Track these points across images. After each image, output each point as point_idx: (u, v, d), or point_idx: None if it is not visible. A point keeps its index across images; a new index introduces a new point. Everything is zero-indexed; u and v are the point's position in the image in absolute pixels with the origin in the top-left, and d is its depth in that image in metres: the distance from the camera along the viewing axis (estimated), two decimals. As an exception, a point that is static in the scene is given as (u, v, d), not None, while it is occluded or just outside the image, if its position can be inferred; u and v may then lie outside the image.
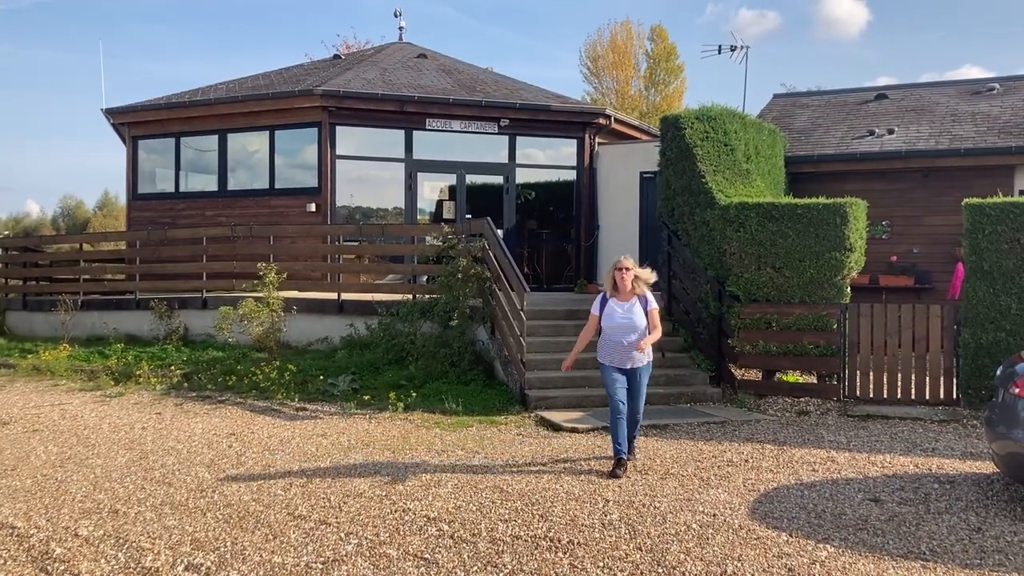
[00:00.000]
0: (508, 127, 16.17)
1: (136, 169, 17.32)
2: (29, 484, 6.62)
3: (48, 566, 4.84)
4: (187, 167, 17.23)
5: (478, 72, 19.22)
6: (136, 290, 14.64)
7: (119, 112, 17.13)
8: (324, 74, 17.21)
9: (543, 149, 17.29)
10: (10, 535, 5.39)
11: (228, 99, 16.20)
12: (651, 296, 7.15)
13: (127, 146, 17.45)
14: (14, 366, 12.46)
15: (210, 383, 10.96)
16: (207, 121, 16.48)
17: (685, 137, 11.46)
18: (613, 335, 6.94)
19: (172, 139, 17.00)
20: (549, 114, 16.36)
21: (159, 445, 7.92)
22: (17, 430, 8.69)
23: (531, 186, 17.29)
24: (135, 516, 5.75)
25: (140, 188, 17.36)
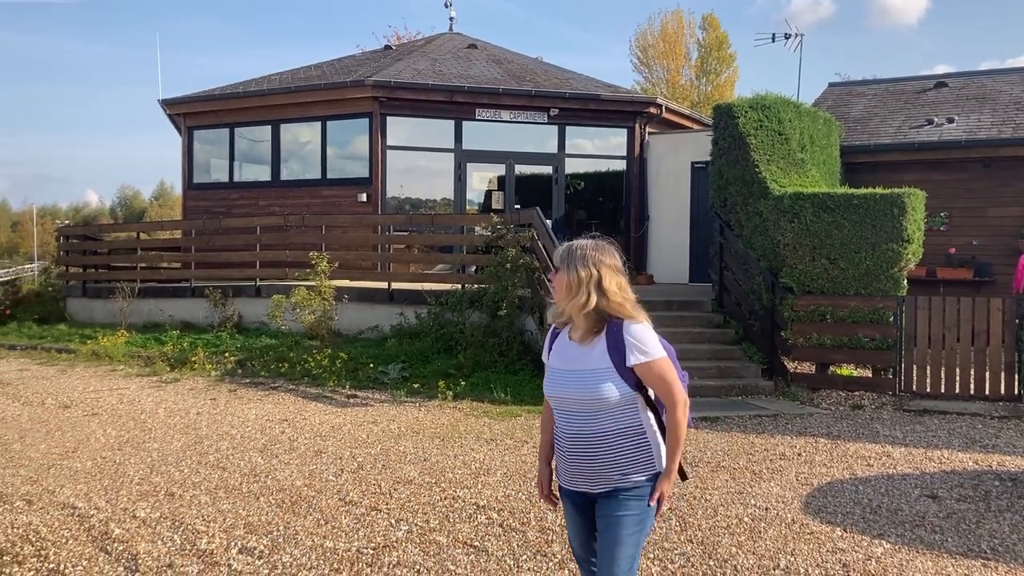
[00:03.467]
0: (557, 117, 16.11)
1: (191, 159, 17.63)
2: (89, 466, 6.79)
3: (108, 546, 4.96)
4: (241, 157, 17.50)
5: (528, 62, 19.17)
6: (191, 278, 14.92)
7: (175, 103, 17.44)
8: (375, 65, 17.31)
9: (592, 139, 17.20)
10: (72, 515, 5.54)
11: (281, 90, 16.40)
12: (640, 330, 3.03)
13: (183, 137, 17.76)
14: (75, 351, 12.78)
15: (263, 370, 11.13)
16: (260, 112, 16.70)
17: (738, 126, 11.29)
18: (556, 413, 3.16)
19: (226, 130, 17.27)
20: (599, 103, 16.25)
21: (214, 430, 8.07)
22: (78, 413, 8.92)
23: (580, 176, 17.23)
24: (190, 499, 5.87)
25: (195, 178, 17.66)
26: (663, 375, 2.98)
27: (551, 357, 3.15)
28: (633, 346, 2.95)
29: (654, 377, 2.98)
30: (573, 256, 3.01)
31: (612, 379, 2.95)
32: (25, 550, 4.89)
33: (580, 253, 3.01)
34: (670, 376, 3.00)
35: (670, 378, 2.99)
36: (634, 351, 2.95)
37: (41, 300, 16.38)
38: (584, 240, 3.09)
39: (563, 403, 3.06)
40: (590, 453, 3.01)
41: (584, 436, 3.02)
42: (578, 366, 3.02)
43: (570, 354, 3.06)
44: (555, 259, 3.08)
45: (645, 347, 2.96)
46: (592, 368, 2.98)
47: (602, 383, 2.96)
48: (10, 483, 6.29)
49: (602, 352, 2.98)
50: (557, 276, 3.03)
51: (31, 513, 5.57)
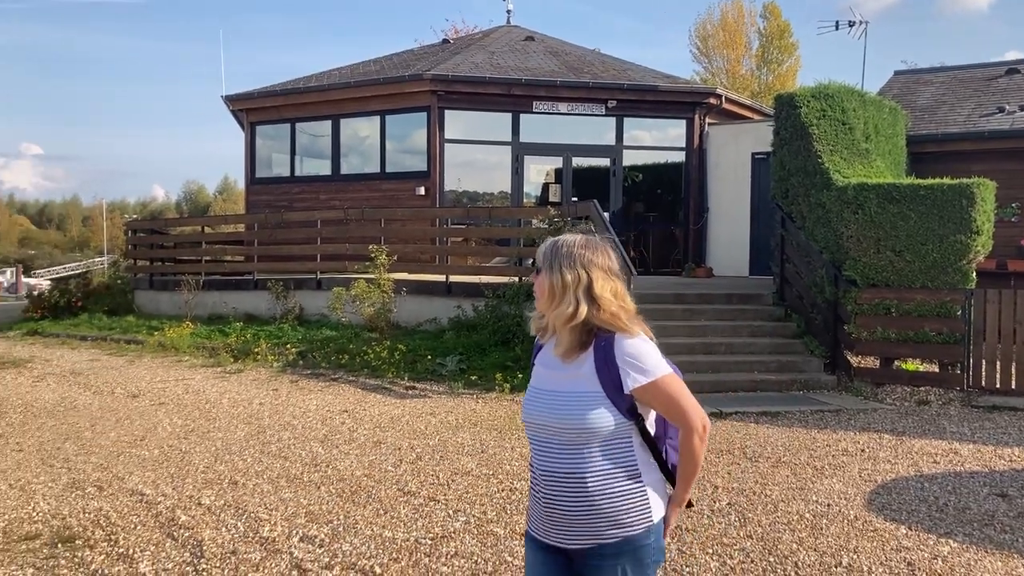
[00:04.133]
0: (615, 108, 16.01)
1: (254, 154, 17.95)
2: (156, 454, 6.98)
3: (174, 532, 5.09)
4: (302, 152, 17.77)
5: (585, 53, 19.08)
6: (254, 271, 15.22)
7: (238, 99, 17.77)
8: (433, 59, 17.41)
9: (650, 130, 17.06)
10: (140, 501, 5.70)
11: (340, 85, 16.60)
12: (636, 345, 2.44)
13: (245, 132, 18.10)
14: (142, 342, 13.14)
15: (324, 361, 11.30)
16: (320, 107, 16.93)
17: (801, 116, 11.08)
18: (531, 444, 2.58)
19: (287, 125, 17.55)
20: (657, 94, 16.11)
21: (276, 420, 8.22)
22: (145, 403, 9.17)
23: (638, 168, 17.11)
24: (253, 488, 5.99)
25: (258, 173, 18.00)
26: (672, 394, 2.40)
27: (533, 373, 2.61)
28: (629, 365, 2.38)
29: (662, 399, 2.40)
30: (558, 254, 2.46)
31: (602, 405, 2.37)
32: (96, 534, 5.05)
33: (566, 251, 2.45)
34: (681, 394, 2.42)
35: (681, 397, 2.42)
36: (631, 371, 2.37)
37: (110, 292, 16.86)
38: (573, 235, 2.52)
39: (540, 432, 2.47)
40: (569, 498, 2.40)
41: (563, 476, 2.40)
42: (560, 387, 2.44)
43: (552, 372, 2.50)
44: (537, 257, 2.52)
45: (644, 364, 2.38)
46: (577, 391, 2.40)
47: (588, 410, 2.37)
48: (82, 469, 6.50)
49: (590, 372, 2.40)
50: (538, 279, 2.49)
51: (102, 499, 5.74)
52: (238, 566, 4.54)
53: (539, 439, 2.48)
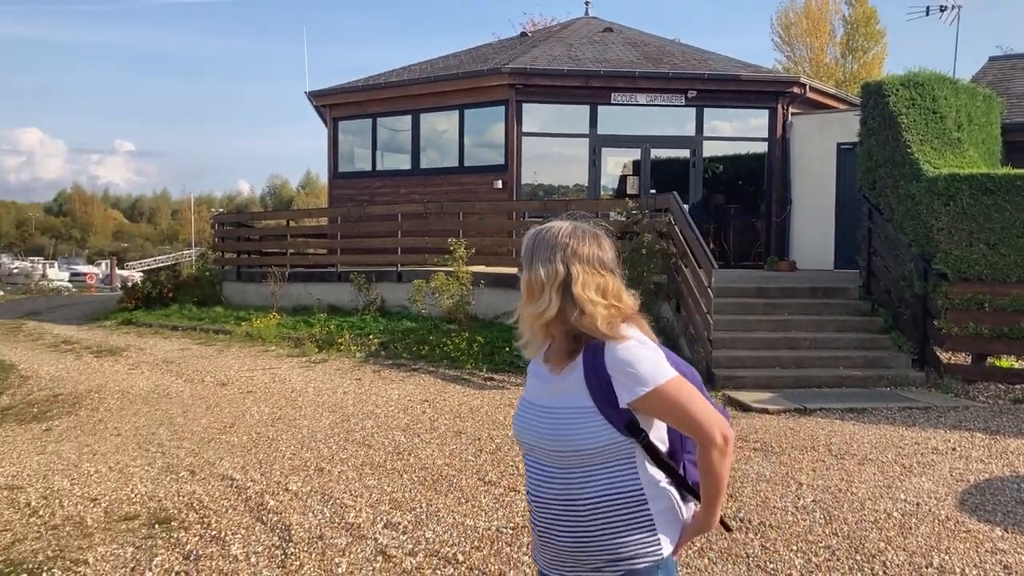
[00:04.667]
0: (695, 99, 15.80)
1: (336, 149, 18.30)
2: (245, 440, 7.20)
3: (263, 516, 5.26)
4: (383, 147, 18.05)
5: (664, 44, 18.87)
6: (337, 263, 15.53)
7: (321, 95, 18.14)
8: (511, 52, 17.46)
9: (731, 121, 16.78)
10: (230, 486, 5.90)
11: (421, 80, 16.79)
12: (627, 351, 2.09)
13: (328, 127, 18.46)
14: (230, 332, 13.54)
15: (405, 352, 11.48)
16: (401, 102, 17.14)
17: (889, 104, 10.76)
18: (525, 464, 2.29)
19: (369, 120, 17.84)
20: (739, 84, 15.83)
21: (359, 409, 8.40)
22: (234, 391, 9.46)
23: (718, 159, 16.85)
24: (338, 475, 6.13)
25: (340, 167, 18.34)
26: (679, 402, 2.05)
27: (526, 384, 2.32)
28: (621, 374, 2.04)
29: (667, 410, 2.07)
30: (538, 245, 2.15)
31: (593, 422, 2.06)
32: (190, 517, 5.25)
33: (547, 241, 2.13)
34: (690, 400, 2.06)
35: (691, 404, 2.06)
36: (624, 381, 2.04)
37: (199, 284, 17.41)
38: (561, 222, 2.18)
39: (531, 451, 2.19)
40: (562, 528, 2.12)
41: (555, 503, 2.12)
42: (548, 401, 2.15)
43: (541, 383, 2.20)
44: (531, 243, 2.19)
45: (638, 371, 2.03)
46: (565, 406, 2.10)
47: (578, 428, 2.06)
48: (175, 454, 6.76)
49: (578, 385, 2.08)
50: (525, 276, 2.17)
51: (194, 483, 5.97)
52: (325, 550, 4.66)
53: (530, 460, 2.20)
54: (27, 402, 9.16)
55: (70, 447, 7.10)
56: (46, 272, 59.22)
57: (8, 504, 5.58)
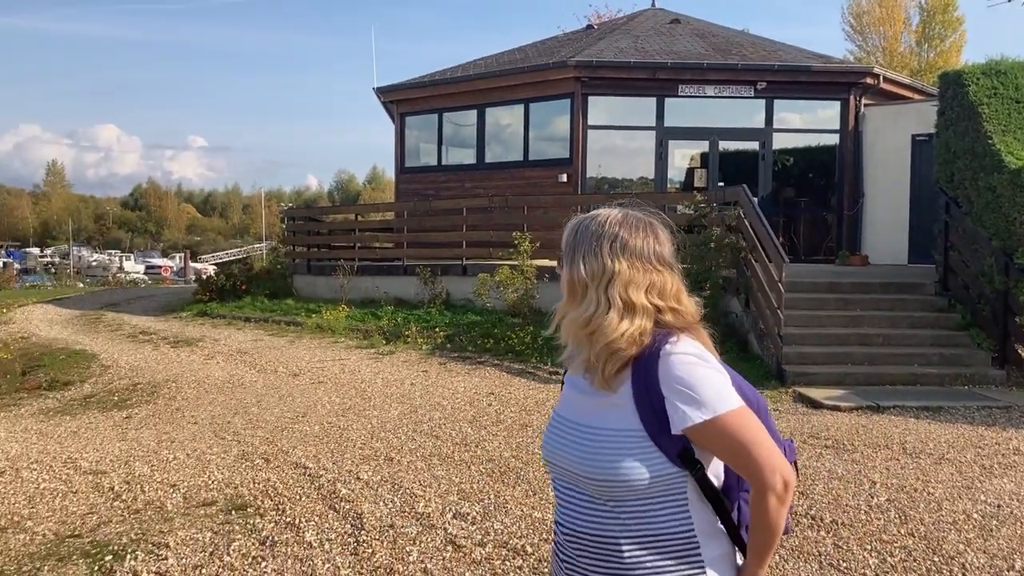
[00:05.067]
0: (765, 90, 15.54)
1: (403, 144, 18.49)
2: (317, 430, 7.35)
3: (336, 504, 5.37)
4: (448, 141, 18.17)
5: (733, 34, 18.59)
6: (403, 257, 15.70)
7: (388, 91, 18.33)
8: (577, 45, 17.41)
9: (801, 112, 16.46)
10: (303, 474, 6.03)
11: (486, 74, 16.85)
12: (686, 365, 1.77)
13: (395, 123, 18.66)
14: (301, 324, 13.82)
15: (470, 345, 11.56)
16: (466, 96, 17.24)
17: (969, 94, 10.44)
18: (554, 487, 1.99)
19: (435, 115, 17.97)
20: (810, 75, 15.52)
21: (426, 400, 8.50)
22: (305, 381, 9.66)
23: (788, 151, 16.56)
24: (407, 464, 6.22)
25: (407, 162, 18.53)
26: (742, 437, 1.74)
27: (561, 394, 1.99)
28: (678, 395, 1.73)
29: (724, 444, 1.75)
30: (580, 236, 1.84)
31: (639, 448, 1.74)
32: (265, 503, 5.39)
33: (592, 231, 1.82)
34: (755, 436, 1.75)
35: (754, 441, 1.75)
36: (680, 404, 1.73)
37: (271, 276, 17.79)
38: (609, 209, 1.86)
39: (562, 475, 1.88)
40: (595, 568, 1.81)
41: (590, 539, 1.82)
42: (587, 419, 1.83)
43: (580, 396, 1.87)
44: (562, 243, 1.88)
45: (699, 394, 1.73)
46: (608, 427, 1.78)
47: (623, 455, 1.75)
48: (250, 443, 6.93)
49: (626, 402, 1.77)
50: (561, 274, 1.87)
51: (269, 470, 6.12)
52: (396, 539, 4.74)
53: (562, 485, 1.89)
54: (108, 390, 9.49)
55: (149, 434, 7.34)
56: (123, 265, 61.21)
57: (93, 488, 5.80)
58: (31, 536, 4.91)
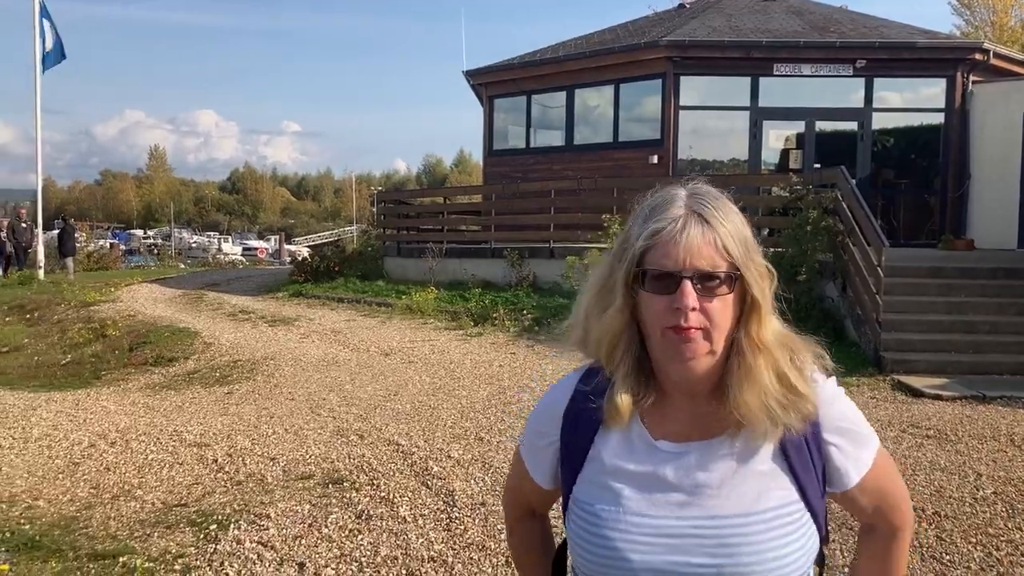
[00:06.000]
0: (864, 68, 15.02)
1: (492, 127, 18.57)
2: (408, 408, 7.48)
3: (428, 481, 5.46)
4: (536, 124, 18.16)
5: (831, 11, 18.01)
6: (491, 239, 15.79)
7: (477, 73, 18.42)
8: (669, 24, 17.14)
9: (902, 91, 15.87)
10: (396, 451, 6.15)
11: (576, 55, 16.76)
12: (845, 401, 1.42)
13: (484, 105, 18.74)
14: (391, 305, 14.06)
15: (557, 328, 11.56)
16: (556, 78, 17.18)
17: (1087, 69, 9.88)
18: None
19: (524, 97, 17.98)
20: (913, 52, 14.94)
21: (514, 382, 8.55)
22: (396, 361, 9.83)
23: (887, 132, 15.98)
24: (497, 444, 6.28)
25: (495, 145, 18.61)
26: (892, 470, 1.45)
27: (597, 483, 1.38)
28: (846, 437, 1.38)
29: (880, 484, 1.42)
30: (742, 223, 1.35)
31: (802, 530, 1.33)
32: (360, 478, 5.52)
33: (711, 199, 1.33)
34: (895, 468, 1.47)
35: (897, 475, 1.47)
36: (851, 449, 1.38)
37: (363, 258, 18.13)
38: (675, 187, 1.37)
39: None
40: None
41: None
42: (694, 507, 1.32)
43: (655, 472, 1.34)
44: (683, 240, 1.29)
45: (862, 428, 1.40)
46: (757, 511, 1.31)
47: (785, 548, 1.31)
48: (344, 419, 7.10)
49: (773, 464, 1.33)
50: (687, 291, 1.28)
51: (363, 447, 6.26)
52: (487, 517, 4.80)
53: None
54: (210, 367, 9.86)
55: (249, 409, 7.60)
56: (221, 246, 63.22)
57: (198, 460, 6.05)
58: (141, 504, 5.15)
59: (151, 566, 4.19)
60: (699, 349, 1.30)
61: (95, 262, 28.01)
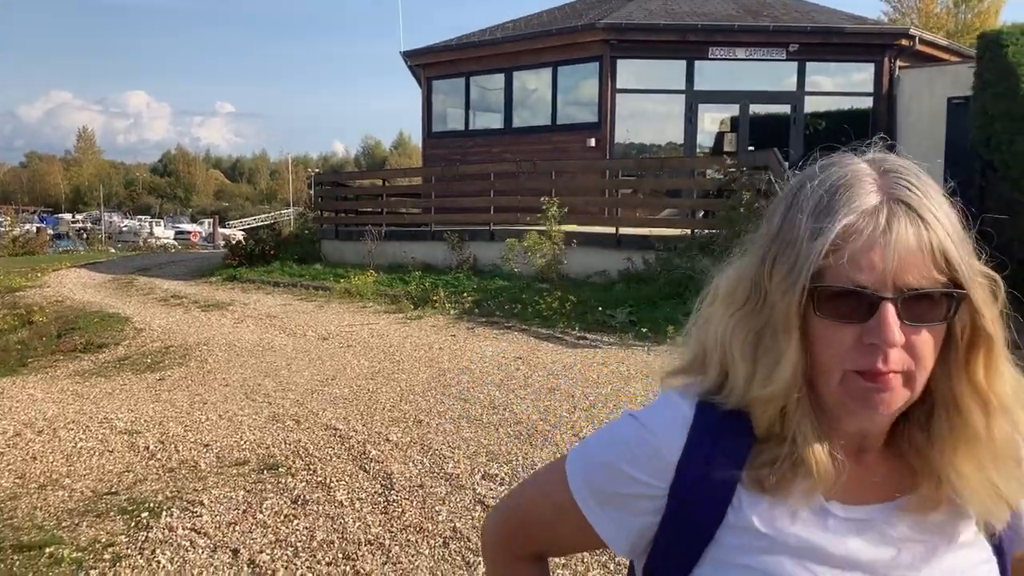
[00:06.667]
0: (797, 53, 15.30)
1: (430, 109, 18.45)
2: (346, 392, 7.42)
3: (366, 465, 5.43)
4: (475, 106, 18.11)
5: (765, -4, 18.27)
6: (431, 222, 15.72)
7: (415, 54, 18.27)
8: (606, 7, 17.20)
9: (833, 76, 16.21)
10: (334, 436, 6.10)
11: (513, 37, 16.74)
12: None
13: (422, 87, 18.60)
14: (329, 289, 13.91)
15: (497, 310, 11.58)
16: (494, 60, 17.14)
17: (1007, 55, 10.22)
18: None
19: (462, 79, 17.90)
20: (843, 37, 15.25)
21: (454, 364, 8.54)
22: (334, 345, 9.74)
23: (820, 115, 16.32)
24: (436, 427, 6.27)
25: (433, 127, 18.50)
26: None
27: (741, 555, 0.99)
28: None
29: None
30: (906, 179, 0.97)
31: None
32: (297, 463, 5.47)
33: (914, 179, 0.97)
34: None
35: None
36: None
37: (299, 242, 17.87)
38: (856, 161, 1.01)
39: None
40: None
41: None
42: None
43: (845, 549, 0.98)
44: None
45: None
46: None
47: None
48: (280, 404, 7.02)
49: (969, 528, 1.01)
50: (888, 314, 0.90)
51: (300, 432, 6.19)
52: (425, 499, 4.80)
53: None
54: (141, 353, 9.64)
55: (182, 396, 7.46)
56: (153, 230, 61.71)
57: (129, 448, 5.92)
58: (69, 493, 5.02)
59: (79, 556, 4.09)
60: (896, 399, 0.93)
61: (21, 247, 27.11)
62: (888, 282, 0.90)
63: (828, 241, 0.92)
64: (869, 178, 0.96)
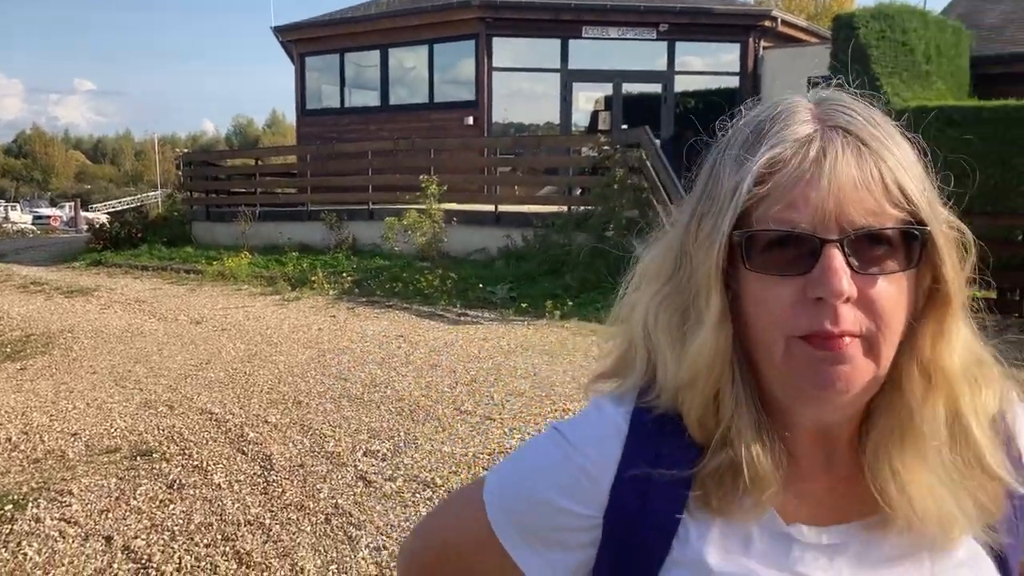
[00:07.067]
0: (667, 33, 15.72)
1: (304, 86, 18.04)
2: (222, 376, 7.25)
3: (244, 447, 5.35)
4: (351, 83, 17.82)
5: (636, -24, 18.66)
6: (307, 202, 15.43)
7: (287, 30, 17.82)
8: (481, -15, 17.19)
9: (702, 56, 16.75)
10: (209, 420, 5.96)
11: (389, 13, 16.54)
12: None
13: (295, 64, 18.16)
14: (201, 272, 13.49)
15: (378, 289, 11.52)
16: (369, 36, 16.89)
17: (859, 37, 10.81)
18: None
19: (336, 56, 17.58)
20: (710, 17, 15.77)
21: (334, 345, 8.46)
22: (208, 329, 9.47)
23: (690, 95, 16.85)
24: (316, 407, 6.22)
25: (308, 104, 18.11)
26: None
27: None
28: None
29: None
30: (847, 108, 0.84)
31: None
32: (171, 449, 5.33)
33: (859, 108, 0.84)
34: None
35: None
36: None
37: (168, 224, 17.23)
38: (798, 98, 0.84)
39: None
40: None
41: None
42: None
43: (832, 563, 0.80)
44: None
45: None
46: None
47: None
48: (153, 390, 6.80)
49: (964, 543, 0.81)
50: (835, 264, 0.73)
51: (174, 417, 6.03)
52: (306, 478, 4.77)
53: None
54: (0, 342, 9.13)
55: (46, 385, 7.12)
56: (8, 215, 58.10)
57: (-12, 440, 5.62)
58: (-78, 490, 4.75)
59: (-64, 554, 3.89)
60: (857, 375, 0.75)
61: None
62: (830, 221, 0.73)
63: (751, 174, 0.76)
64: (804, 109, 0.81)
